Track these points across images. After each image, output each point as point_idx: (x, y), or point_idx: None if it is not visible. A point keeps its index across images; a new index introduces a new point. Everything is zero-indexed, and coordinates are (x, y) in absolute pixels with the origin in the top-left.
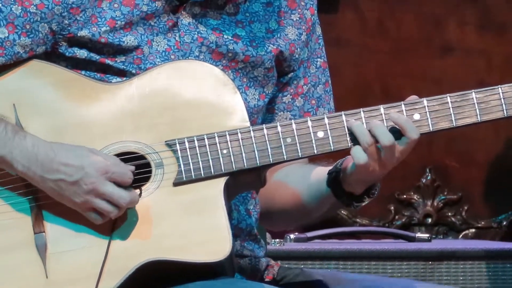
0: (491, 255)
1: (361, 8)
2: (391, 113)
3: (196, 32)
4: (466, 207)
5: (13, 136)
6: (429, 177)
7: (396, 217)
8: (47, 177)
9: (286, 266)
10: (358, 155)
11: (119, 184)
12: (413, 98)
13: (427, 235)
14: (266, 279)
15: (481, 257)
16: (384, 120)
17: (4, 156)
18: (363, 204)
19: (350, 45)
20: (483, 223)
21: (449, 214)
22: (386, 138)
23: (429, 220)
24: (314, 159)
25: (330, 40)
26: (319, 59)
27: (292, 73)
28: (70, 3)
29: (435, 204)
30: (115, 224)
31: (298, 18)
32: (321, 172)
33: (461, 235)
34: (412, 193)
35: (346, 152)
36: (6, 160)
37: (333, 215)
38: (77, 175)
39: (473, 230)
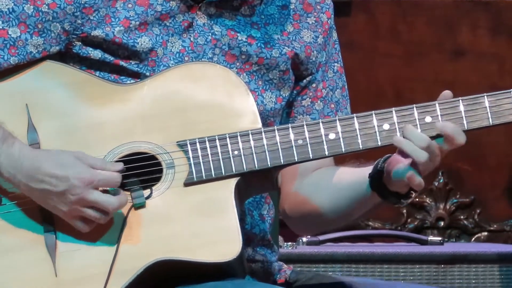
0: (504, 258)
1: (373, 12)
2: (437, 123)
3: (210, 34)
4: (478, 210)
5: (1, 143)
6: (441, 180)
7: (409, 220)
8: (33, 186)
9: (299, 269)
10: (419, 153)
11: (105, 190)
12: (447, 93)
13: (440, 238)
14: (279, 282)
15: (493, 261)
16: (396, 123)
17: None
18: (411, 200)
19: (362, 49)
20: (495, 226)
21: (462, 217)
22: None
23: (442, 223)
24: (345, 160)
25: (343, 44)
26: (336, 64)
27: (311, 76)
28: (82, 2)
29: (448, 207)
30: (125, 223)
31: (314, 21)
32: (357, 173)
33: (473, 238)
34: (424, 196)
35: (357, 154)
36: None
37: None
38: (62, 186)
39: (486, 233)
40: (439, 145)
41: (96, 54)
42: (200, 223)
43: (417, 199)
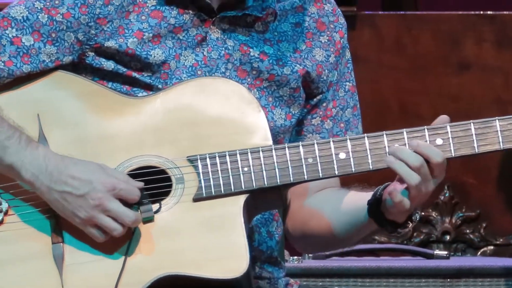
0: (510, 272)
1: (378, 25)
2: (411, 142)
3: (223, 48)
4: (484, 224)
5: (26, 145)
6: (447, 194)
7: (415, 234)
8: (54, 187)
9: (305, 283)
10: (411, 176)
11: (125, 201)
12: (443, 118)
13: (446, 252)
14: None
15: (499, 275)
16: (407, 144)
17: (13, 163)
18: (407, 229)
19: (367, 62)
20: (501, 240)
21: (468, 231)
22: (438, 156)
23: (447, 237)
24: (348, 183)
25: None
26: (348, 83)
27: (321, 95)
28: (97, 13)
29: (453, 221)
30: (133, 237)
31: (326, 40)
32: (358, 199)
33: (479, 252)
34: (430, 210)
35: (381, 174)
36: (15, 168)
37: None
38: (84, 188)
39: (492, 247)
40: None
41: (109, 65)
42: (208, 239)
43: (423, 213)
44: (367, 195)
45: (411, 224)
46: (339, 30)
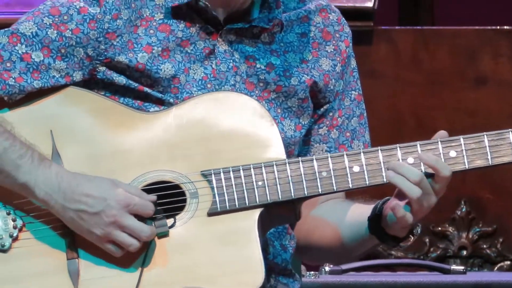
0: None
1: (395, 40)
2: (420, 154)
3: (231, 61)
4: (501, 239)
5: (38, 164)
6: (463, 209)
7: (431, 249)
8: (68, 206)
9: None
10: (412, 190)
11: (140, 216)
12: (442, 133)
13: (462, 267)
14: None
15: None
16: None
17: (27, 182)
18: (409, 243)
19: (384, 77)
20: None
21: (484, 246)
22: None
23: (464, 252)
24: (351, 195)
25: (364, 72)
26: (353, 92)
27: (328, 105)
28: (105, 28)
29: (470, 236)
30: (148, 252)
31: (332, 50)
32: (359, 213)
33: (496, 268)
34: (447, 225)
35: (380, 188)
36: (28, 187)
37: None
38: (98, 206)
39: (508, 262)
40: (431, 184)
41: (121, 80)
42: (223, 253)
43: (439, 228)
44: (368, 210)
45: (412, 238)
46: (345, 39)
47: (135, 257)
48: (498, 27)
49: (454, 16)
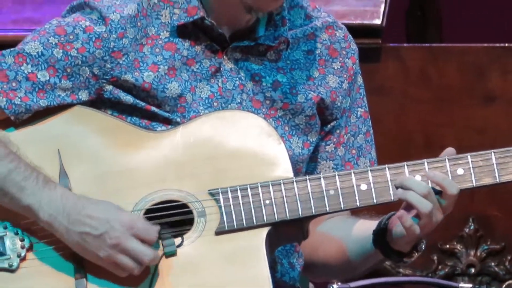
0: None
1: (403, 57)
2: (428, 172)
3: (237, 79)
4: (509, 257)
5: (43, 186)
6: (472, 227)
7: (439, 267)
8: (73, 228)
9: None
10: (423, 204)
11: (142, 241)
12: (450, 150)
13: (471, 285)
14: None
15: None
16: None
17: (31, 204)
18: (413, 259)
19: (392, 94)
20: None
21: (492, 264)
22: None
23: (472, 270)
24: (357, 211)
25: (372, 89)
26: (359, 109)
27: (335, 122)
28: (111, 47)
29: (478, 254)
30: (156, 271)
31: (339, 67)
32: (365, 228)
33: (504, 285)
34: (455, 243)
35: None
36: (33, 209)
37: None
38: (102, 228)
39: None
40: (438, 200)
41: (128, 99)
42: (231, 272)
43: (447, 246)
44: (374, 225)
45: (416, 254)
46: (351, 56)
47: (143, 276)
48: (507, 44)
49: (462, 33)
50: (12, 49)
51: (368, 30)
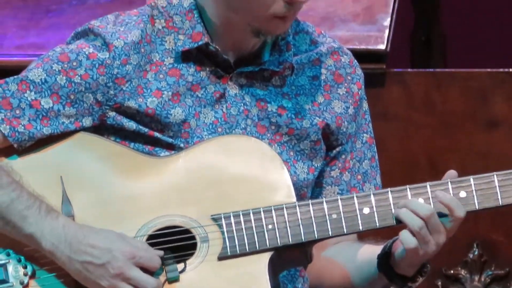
0: None
1: (407, 82)
2: (437, 192)
3: (242, 104)
4: None
5: (45, 215)
6: (476, 253)
7: None
8: (75, 258)
9: None
10: (408, 240)
11: (145, 269)
12: (452, 173)
13: None
14: None
15: None
16: (430, 198)
17: (33, 233)
18: (417, 283)
19: (397, 119)
20: None
21: None
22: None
23: None
24: (362, 236)
25: (377, 114)
26: (365, 134)
27: (340, 147)
28: (115, 73)
29: (483, 279)
30: None
31: (344, 92)
32: (369, 252)
33: None
34: (459, 268)
35: (392, 229)
36: (35, 238)
37: None
38: (104, 257)
39: None
40: (442, 223)
41: (131, 125)
42: None
43: (451, 271)
44: (379, 249)
45: (421, 279)
46: (357, 81)
47: None
48: (510, 70)
49: (466, 59)
50: (15, 76)
51: (372, 55)
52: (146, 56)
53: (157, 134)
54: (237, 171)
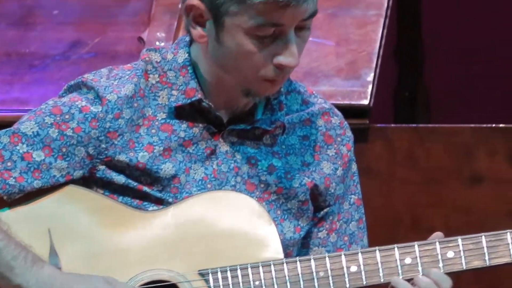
0: None
1: (390, 138)
2: (425, 270)
3: (232, 161)
4: None
5: (31, 265)
6: None
7: None
8: None
9: None
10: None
11: None
12: (438, 234)
13: None
14: None
15: None
16: (418, 257)
17: (20, 284)
18: None
19: (380, 175)
20: None
21: None
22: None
23: None
24: None
25: (359, 170)
26: (353, 196)
27: (328, 208)
28: (107, 127)
29: None
30: None
31: (334, 153)
32: None
33: None
34: None
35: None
36: None
37: None
38: None
39: None
40: None
41: (120, 179)
42: None
43: None
44: None
45: None
46: (346, 143)
47: None
48: (494, 125)
49: (450, 114)
50: (7, 129)
51: (355, 110)
52: (139, 111)
53: (146, 189)
54: (226, 226)
